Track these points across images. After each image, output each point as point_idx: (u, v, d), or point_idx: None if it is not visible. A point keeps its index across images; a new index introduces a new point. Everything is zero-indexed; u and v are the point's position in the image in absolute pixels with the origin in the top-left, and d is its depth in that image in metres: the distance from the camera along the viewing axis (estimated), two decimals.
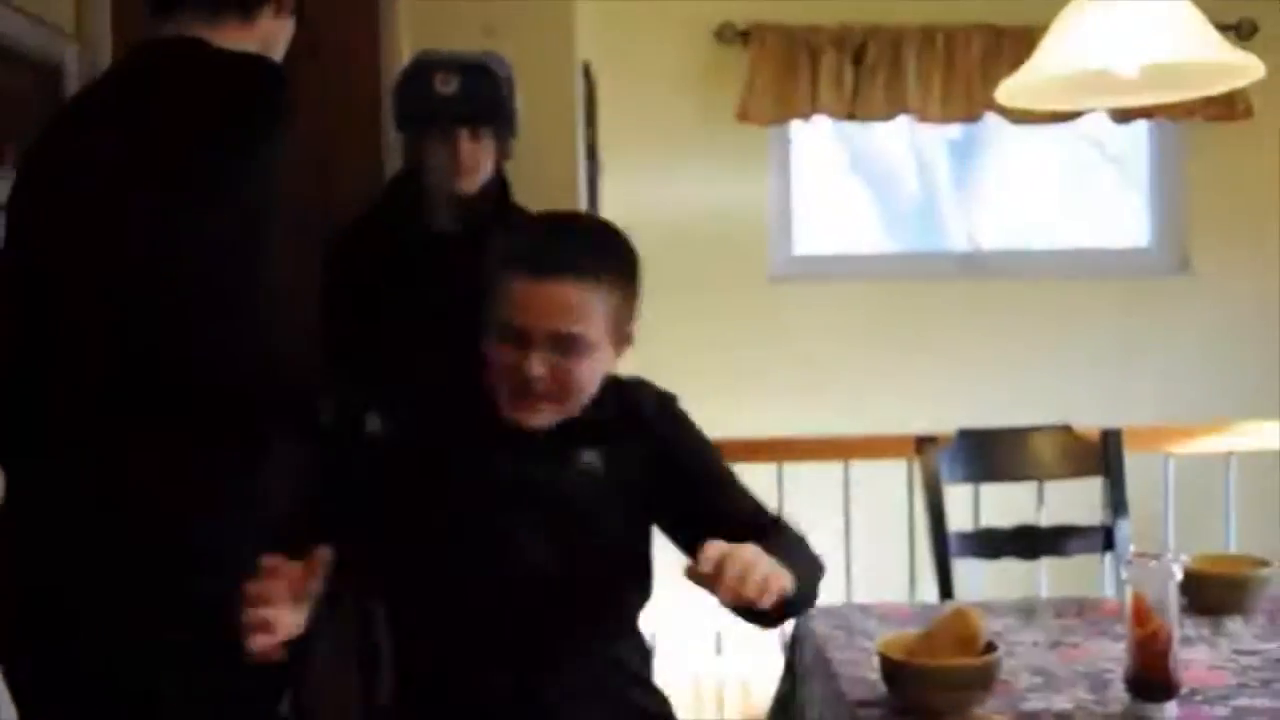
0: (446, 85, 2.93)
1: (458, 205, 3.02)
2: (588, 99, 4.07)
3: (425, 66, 3.02)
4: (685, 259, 5.01)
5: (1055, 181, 5.50)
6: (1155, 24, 2.16)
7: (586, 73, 4.02)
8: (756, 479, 2.55)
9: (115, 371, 1.83)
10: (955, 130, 5.34)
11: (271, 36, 2.11)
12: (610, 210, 4.42)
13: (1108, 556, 3.24)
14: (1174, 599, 1.89)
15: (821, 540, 2.39)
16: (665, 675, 2.77)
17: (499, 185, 3.12)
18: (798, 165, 5.36)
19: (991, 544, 3.20)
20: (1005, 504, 3.45)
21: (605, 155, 4.35)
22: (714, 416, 4.55)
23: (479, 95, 2.98)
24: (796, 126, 5.26)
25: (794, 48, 5.06)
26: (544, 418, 1.90)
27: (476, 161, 3.02)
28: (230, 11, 2.04)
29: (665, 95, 5.08)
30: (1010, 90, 2.31)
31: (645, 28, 5.00)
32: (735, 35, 5.09)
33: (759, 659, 3.82)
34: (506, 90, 3.06)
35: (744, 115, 5.05)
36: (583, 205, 3.80)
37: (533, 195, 3.34)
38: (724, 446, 3.93)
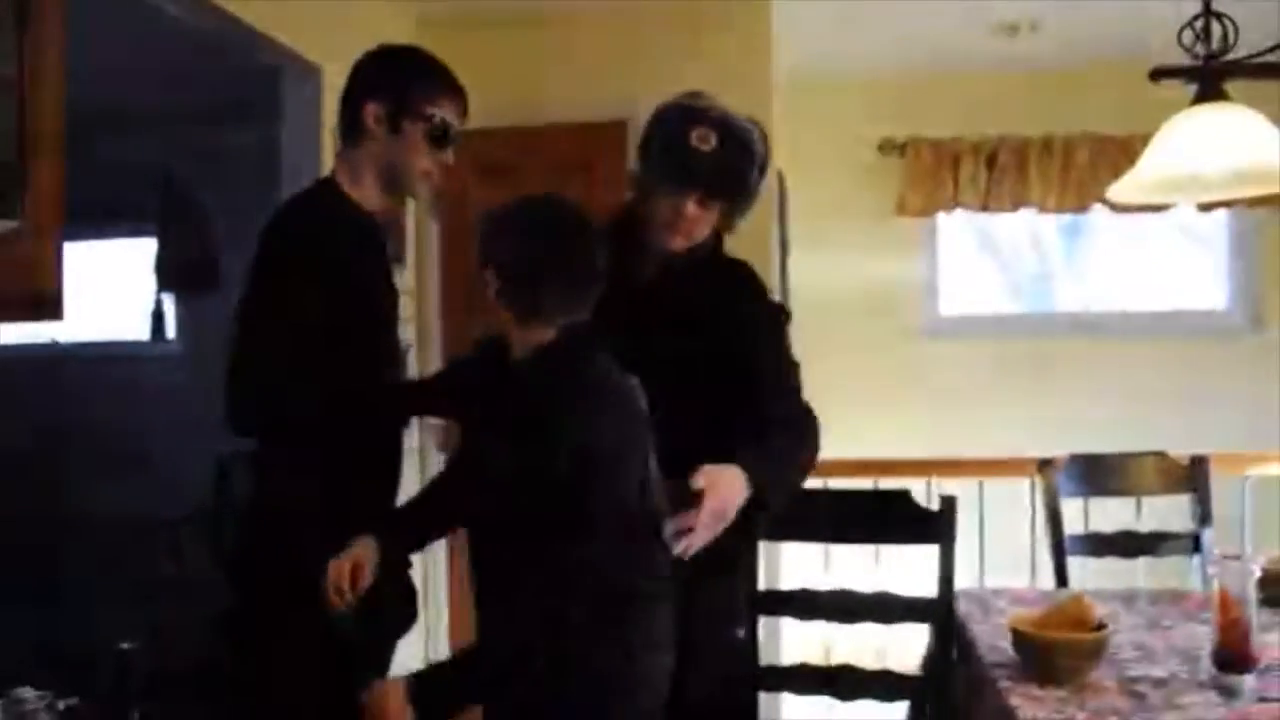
0: (704, 143, 2.01)
1: (662, 260, 2.12)
2: (780, 199, 4.11)
3: (689, 115, 2.06)
4: (857, 320, 5.03)
5: (1149, 257, 5.31)
6: (1239, 135, 2.09)
7: (780, 179, 4.06)
8: (912, 491, 2.53)
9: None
10: (1066, 216, 5.19)
11: (389, 154, 2.00)
12: (797, 284, 4.45)
13: (1195, 558, 3.10)
14: (1253, 593, 1.82)
15: (960, 539, 2.36)
16: None
17: (713, 242, 2.20)
18: (942, 247, 5.30)
19: (1099, 545, 3.11)
20: (1110, 514, 3.34)
21: (793, 243, 4.38)
22: (879, 439, 4.59)
23: (729, 167, 2.05)
24: (941, 217, 5.20)
25: (940, 156, 5.02)
26: None
27: (698, 228, 2.10)
28: (345, 139, 2.04)
29: (839, 195, 5.09)
30: (1119, 190, 2.25)
31: (823, 143, 5.01)
32: (894, 147, 5.08)
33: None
34: (758, 170, 2.11)
35: (901, 209, 5.04)
36: (776, 284, 3.81)
37: None
38: (887, 464, 3.98)
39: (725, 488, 1.85)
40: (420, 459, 3.27)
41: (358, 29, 2.91)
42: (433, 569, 3.94)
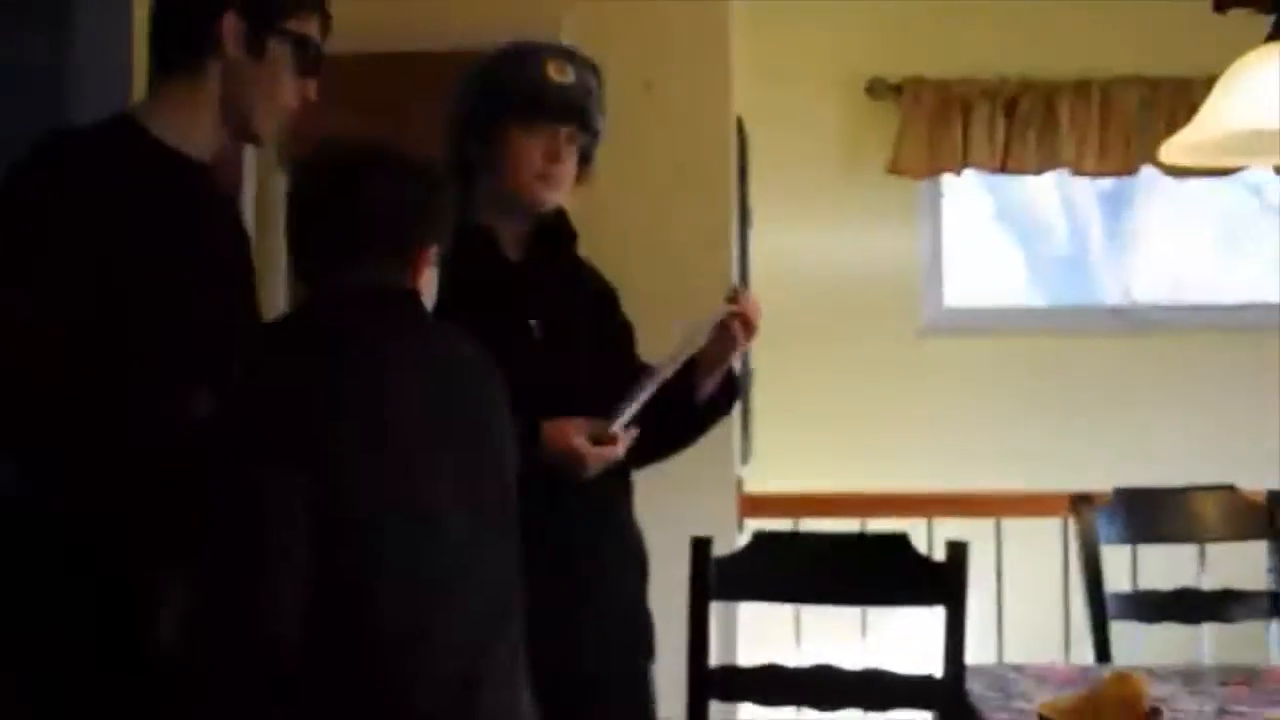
0: (562, 75, 2.27)
1: (532, 226, 2.37)
2: (740, 152, 4.07)
3: (534, 50, 2.34)
4: (834, 311, 5.01)
5: (1213, 233, 5.37)
6: None
7: (739, 127, 4.02)
8: (909, 535, 2.50)
9: None
10: (1107, 181, 5.24)
11: (244, 81, 1.96)
12: (760, 262, 4.42)
13: (1274, 623, 3.13)
14: None
15: (971, 599, 2.35)
16: None
17: (561, 214, 2.43)
18: (948, 218, 5.32)
19: (1151, 606, 3.12)
20: (1165, 566, 3.35)
21: (755, 208, 4.35)
22: (863, 467, 4.58)
23: (591, 96, 2.33)
24: (947, 180, 5.21)
25: (946, 101, 5.03)
26: None
27: (567, 175, 2.35)
28: (174, 63, 1.97)
29: (816, 148, 5.08)
30: (1174, 148, 2.24)
31: (797, 82, 5.00)
32: (887, 89, 5.08)
33: None
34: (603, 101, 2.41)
35: (895, 168, 5.03)
36: (733, 258, 3.79)
37: (684, 249, 3.33)
38: (872, 500, 3.97)
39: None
40: None
41: None
42: None
